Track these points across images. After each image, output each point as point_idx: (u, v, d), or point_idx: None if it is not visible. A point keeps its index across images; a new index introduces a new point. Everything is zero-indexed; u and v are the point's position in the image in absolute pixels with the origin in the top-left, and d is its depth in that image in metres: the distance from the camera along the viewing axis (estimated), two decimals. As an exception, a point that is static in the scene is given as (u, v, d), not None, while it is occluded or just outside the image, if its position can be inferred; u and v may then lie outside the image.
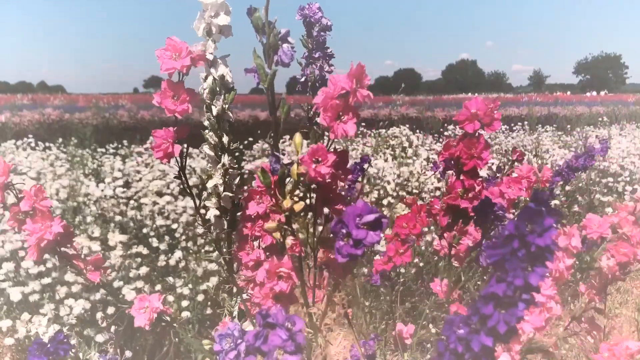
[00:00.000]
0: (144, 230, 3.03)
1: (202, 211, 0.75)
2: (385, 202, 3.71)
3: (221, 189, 0.73)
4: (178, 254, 2.75)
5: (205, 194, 0.75)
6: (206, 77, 0.72)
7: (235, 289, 0.78)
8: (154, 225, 3.05)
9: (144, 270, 2.55)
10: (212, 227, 0.75)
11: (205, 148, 0.73)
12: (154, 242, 2.89)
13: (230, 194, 0.73)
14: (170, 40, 0.67)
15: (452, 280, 0.89)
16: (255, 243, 0.70)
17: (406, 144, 5.60)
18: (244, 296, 0.75)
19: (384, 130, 6.26)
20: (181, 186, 0.75)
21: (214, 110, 0.71)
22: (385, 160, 4.60)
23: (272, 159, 0.65)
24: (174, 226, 3.05)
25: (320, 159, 0.61)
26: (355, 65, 0.58)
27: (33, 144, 5.51)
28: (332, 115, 0.60)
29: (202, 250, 2.86)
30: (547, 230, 0.42)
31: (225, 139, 0.72)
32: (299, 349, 0.48)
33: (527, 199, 0.99)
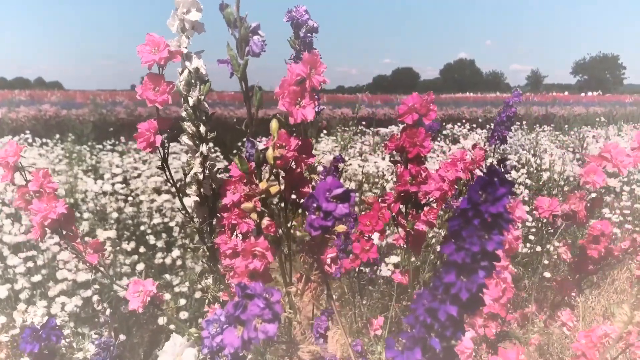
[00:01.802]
0: (142, 228, 3.03)
1: (185, 200, 0.80)
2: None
3: (201, 176, 0.77)
4: (176, 252, 2.74)
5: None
6: (182, 71, 0.77)
7: (218, 278, 0.82)
8: (152, 223, 3.05)
9: (140, 267, 2.54)
10: (194, 216, 0.79)
11: (184, 138, 0.77)
12: (151, 240, 2.88)
13: (210, 181, 0.77)
14: (150, 36, 0.73)
15: (413, 267, 0.95)
16: (234, 232, 0.73)
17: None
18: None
19: (382, 129, 6.26)
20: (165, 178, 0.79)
21: (191, 101, 0.76)
22: (383, 159, 4.60)
23: (248, 145, 0.68)
24: (172, 224, 3.04)
25: (284, 144, 0.65)
26: (310, 54, 0.64)
27: (30, 140, 5.50)
28: (290, 101, 0.64)
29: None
30: (499, 198, 0.44)
31: (202, 128, 0.76)
32: (277, 318, 0.51)
33: (467, 179, 1.06)
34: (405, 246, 0.92)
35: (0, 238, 2.59)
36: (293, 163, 0.65)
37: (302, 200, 0.66)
